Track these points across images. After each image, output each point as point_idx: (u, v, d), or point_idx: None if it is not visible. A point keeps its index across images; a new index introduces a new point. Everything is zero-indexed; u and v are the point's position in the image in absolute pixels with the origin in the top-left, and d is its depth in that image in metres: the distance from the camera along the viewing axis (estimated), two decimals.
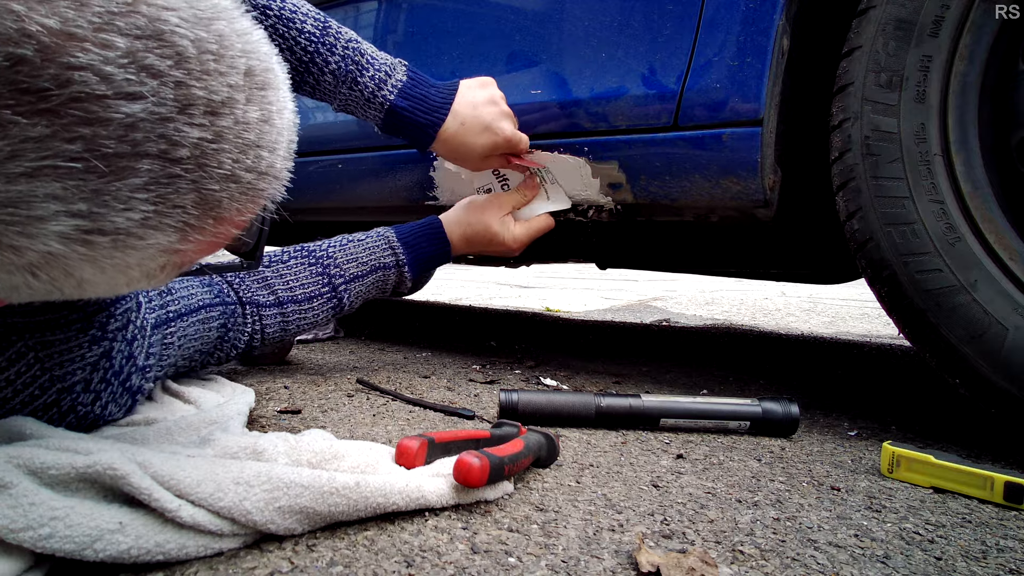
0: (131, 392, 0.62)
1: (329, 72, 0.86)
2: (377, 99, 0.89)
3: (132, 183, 0.32)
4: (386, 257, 0.94)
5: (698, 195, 0.88)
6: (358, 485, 0.46)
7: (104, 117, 0.30)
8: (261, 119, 0.36)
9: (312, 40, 0.84)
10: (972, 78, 0.73)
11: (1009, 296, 0.70)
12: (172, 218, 0.34)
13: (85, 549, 0.37)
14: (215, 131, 0.33)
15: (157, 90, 0.31)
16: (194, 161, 0.33)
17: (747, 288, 4.34)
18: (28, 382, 0.53)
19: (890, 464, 0.69)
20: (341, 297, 0.91)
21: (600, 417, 0.80)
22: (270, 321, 0.86)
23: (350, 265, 0.92)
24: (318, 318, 0.91)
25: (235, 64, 0.34)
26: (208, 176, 0.34)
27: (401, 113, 0.89)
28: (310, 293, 0.89)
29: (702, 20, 0.84)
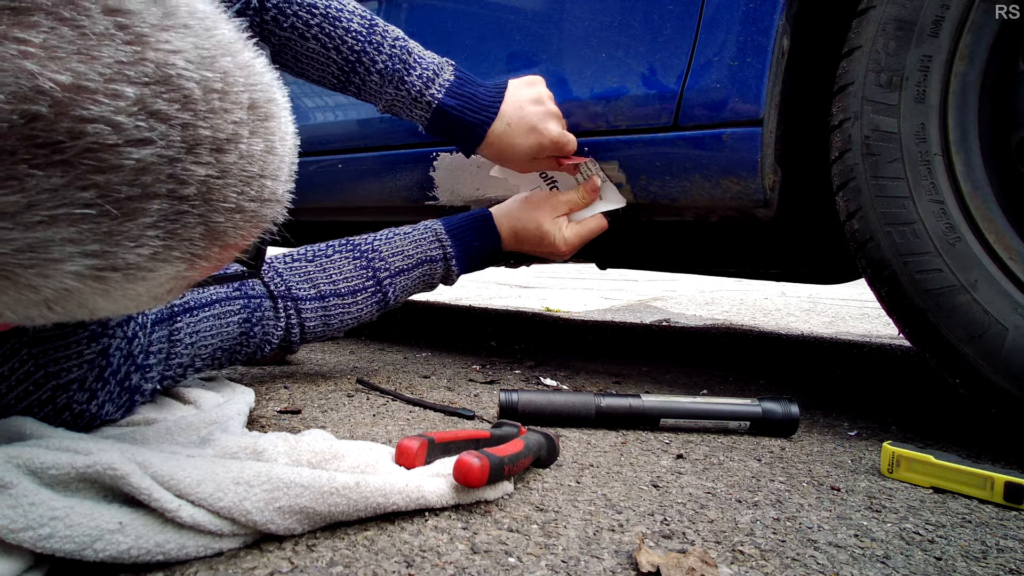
0: (129, 391, 0.61)
1: (376, 72, 0.85)
2: (424, 98, 0.87)
3: (143, 222, 0.33)
4: (433, 250, 0.92)
5: (698, 195, 0.88)
6: (358, 485, 0.46)
7: (116, 164, 0.31)
8: (265, 150, 0.37)
9: (359, 39, 0.83)
10: (972, 78, 0.73)
11: (1009, 296, 0.70)
12: (180, 250, 0.35)
13: (85, 549, 0.37)
14: (221, 167, 0.35)
15: (166, 134, 0.32)
16: (201, 197, 0.34)
17: (747, 288, 4.34)
18: (22, 378, 0.52)
19: (890, 464, 0.69)
20: (386, 291, 0.89)
21: (600, 417, 0.80)
22: (311, 315, 0.84)
23: (395, 258, 0.90)
24: (362, 313, 0.89)
25: (239, 100, 0.35)
26: (214, 210, 0.35)
27: (450, 112, 0.88)
28: (354, 287, 0.87)
29: (702, 20, 0.84)
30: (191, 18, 0.33)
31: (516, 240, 0.97)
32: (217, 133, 0.34)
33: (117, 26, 0.30)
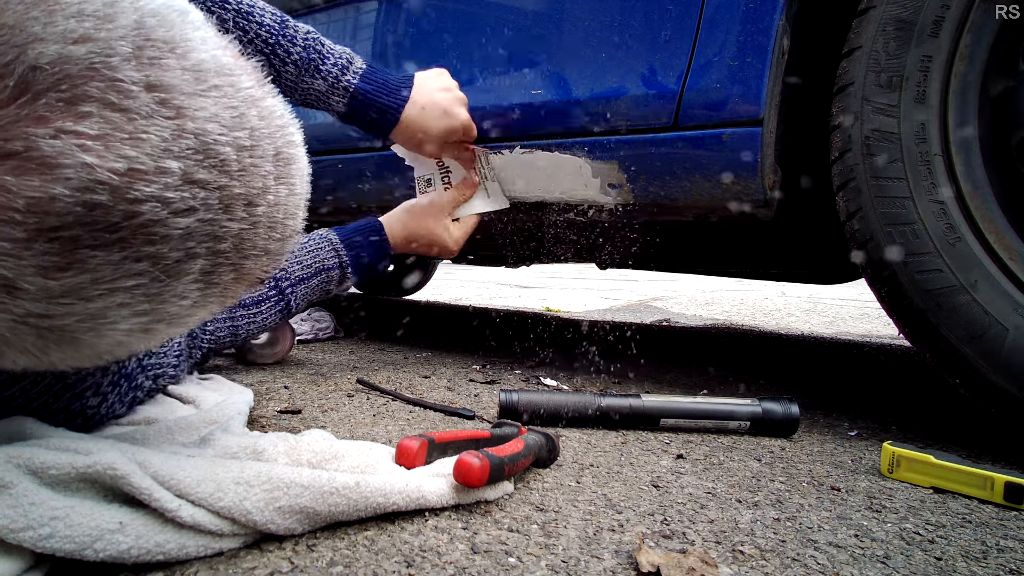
0: (135, 390, 0.63)
1: (291, 63, 0.87)
2: (341, 84, 0.90)
3: (186, 280, 0.36)
4: (330, 259, 0.95)
5: (698, 195, 0.88)
6: (358, 485, 0.46)
7: (165, 235, 0.33)
8: (288, 194, 0.40)
9: (272, 32, 0.85)
10: (972, 78, 0.72)
11: (1009, 296, 0.70)
12: (214, 295, 0.38)
13: (85, 549, 0.37)
14: (252, 220, 0.37)
15: (206, 200, 0.34)
16: (234, 249, 0.37)
17: (747, 288, 4.33)
18: (43, 391, 0.53)
19: (890, 464, 0.69)
20: (288, 300, 0.91)
21: (600, 417, 0.80)
22: (221, 326, 0.86)
23: (295, 267, 0.92)
24: (267, 321, 0.91)
25: (266, 152, 0.37)
26: (245, 257, 0.38)
27: (365, 96, 0.90)
28: (257, 297, 0.88)
29: (702, 20, 0.84)
30: (219, 76, 0.35)
31: (408, 243, 1.02)
32: (249, 189, 0.36)
33: (158, 102, 0.32)
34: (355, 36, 1.26)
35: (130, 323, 0.35)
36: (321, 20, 1.34)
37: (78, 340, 0.35)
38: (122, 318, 0.35)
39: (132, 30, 0.32)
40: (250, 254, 0.38)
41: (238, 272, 0.38)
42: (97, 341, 0.35)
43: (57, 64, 0.30)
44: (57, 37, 0.30)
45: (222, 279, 0.38)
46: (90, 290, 0.33)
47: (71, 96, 0.30)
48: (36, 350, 0.35)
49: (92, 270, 0.32)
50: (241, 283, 0.40)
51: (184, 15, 0.36)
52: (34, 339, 0.34)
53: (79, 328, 0.34)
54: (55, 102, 0.30)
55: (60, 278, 0.32)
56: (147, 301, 0.35)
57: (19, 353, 0.35)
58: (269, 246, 0.39)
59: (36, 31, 0.30)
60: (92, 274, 0.32)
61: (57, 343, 0.34)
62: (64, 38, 0.30)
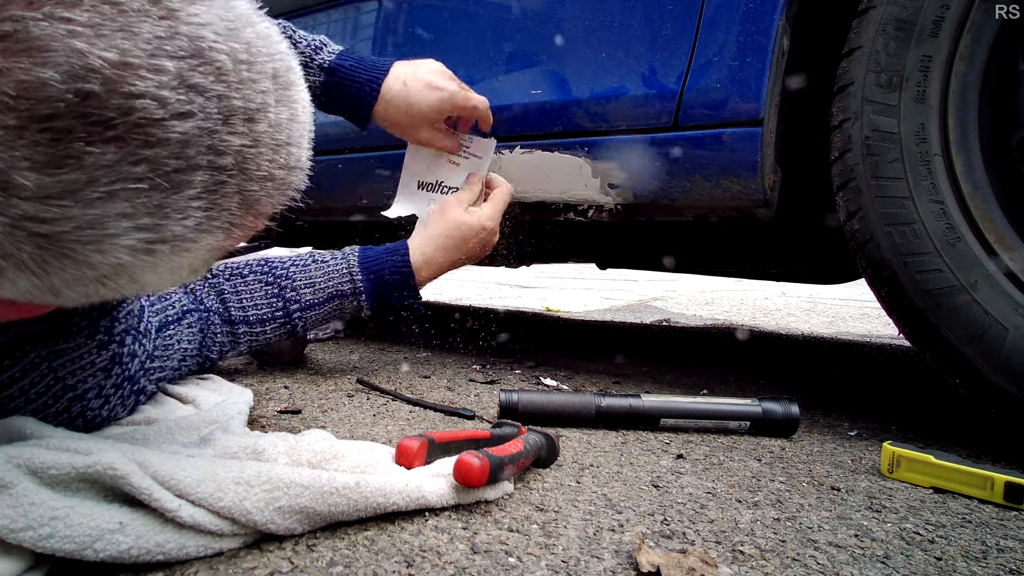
0: (137, 394, 0.62)
1: None
2: (315, 61, 0.88)
3: (188, 194, 0.34)
4: (344, 285, 0.89)
5: (698, 195, 0.88)
6: (358, 485, 0.46)
7: (163, 138, 0.32)
8: (289, 118, 0.39)
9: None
10: (972, 78, 0.72)
11: (1009, 296, 0.70)
12: (220, 220, 0.37)
13: (85, 549, 0.37)
14: (253, 136, 0.36)
15: (204, 106, 0.33)
16: (237, 167, 0.36)
17: (747, 288, 4.33)
18: (42, 391, 0.53)
19: (890, 464, 0.69)
20: (295, 324, 0.88)
21: (600, 417, 0.80)
22: (224, 339, 0.84)
23: (307, 291, 0.87)
24: (269, 340, 0.88)
25: (264, 69, 0.36)
26: (249, 178, 0.37)
27: (340, 71, 0.88)
28: (263, 316, 0.85)
29: (702, 20, 0.84)
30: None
31: (447, 251, 0.93)
32: (248, 103, 0.35)
33: (151, 1, 0.32)
34: (355, 36, 1.26)
35: (132, 238, 0.34)
36: (321, 20, 1.34)
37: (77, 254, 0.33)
38: (123, 231, 0.33)
39: None
40: (254, 175, 0.37)
41: (243, 196, 0.37)
42: (98, 258, 0.34)
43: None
44: None
45: (227, 202, 0.36)
46: (87, 192, 0.31)
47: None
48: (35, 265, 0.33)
49: (87, 168, 0.31)
50: (248, 212, 0.39)
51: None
52: (32, 249, 0.32)
53: (79, 238, 0.33)
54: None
55: (55, 174, 0.31)
56: (148, 214, 0.34)
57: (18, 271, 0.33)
58: (273, 171, 0.38)
59: None
60: (88, 173, 0.31)
61: (56, 256, 0.33)
62: None
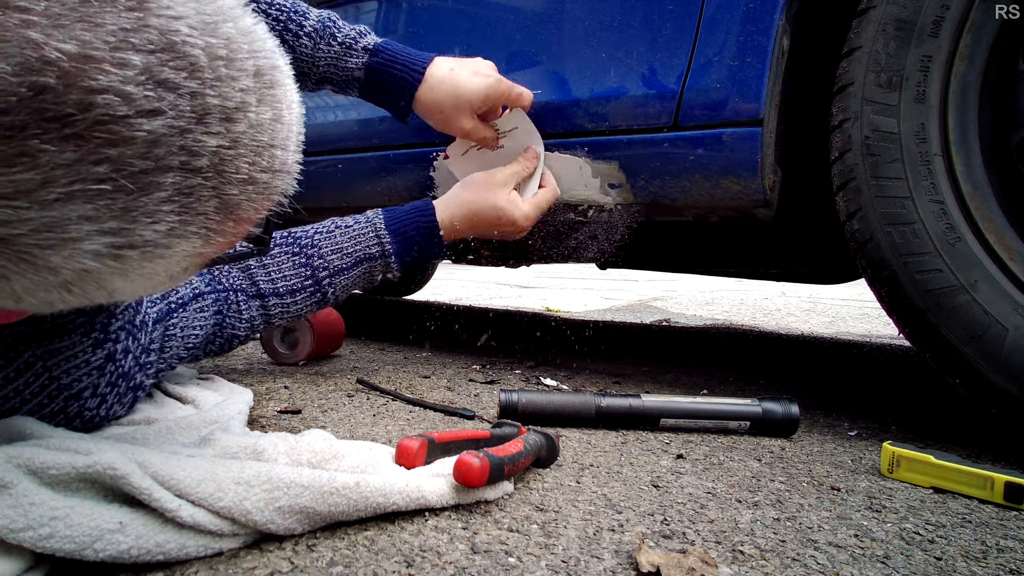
0: (134, 390, 0.62)
1: (305, 35, 0.85)
2: (360, 44, 0.87)
3: (158, 197, 0.32)
4: (372, 247, 0.89)
5: (698, 195, 0.88)
6: (358, 485, 0.46)
7: (128, 136, 0.30)
8: (273, 119, 0.37)
9: (283, 10, 0.85)
10: (972, 78, 0.73)
11: (1009, 296, 0.70)
12: (195, 225, 0.35)
13: (85, 549, 0.37)
14: (231, 137, 0.34)
15: (175, 103, 0.31)
16: (213, 169, 0.34)
17: (747, 288, 4.34)
18: (37, 391, 0.53)
19: (890, 464, 0.69)
20: (325, 291, 0.87)
21: (600, 417, 0.80)
22: (255, 313, 0.84)
23: (335, 256, 0.87)
24: (301, 311, 0.88)
25: (244, 67, 0.34)
26: (227, 182, 0.35)
27: (385, 52, 0.87)
28: (292, 287, 0.85)
29: (702, 20, 0.84)
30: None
31: (471, 226, 0.93)
32: (226, 102, 0.33)
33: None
34: None
35: (96, 243, 0.32)
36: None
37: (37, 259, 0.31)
38: (85, 234, 0.31)
39: None
40: (233, 178, 0.35)
41: (221, 200, 0.35)
42: (60, 263, 0.32)
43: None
44: None
45: (203, 205, 0.34)
46: (42, 192, 0.29)
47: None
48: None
49: (43, 167, 0.29)
50: (229, 218, 0.36)
51: None
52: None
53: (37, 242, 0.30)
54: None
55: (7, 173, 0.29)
56: (113, 217, 0.31)
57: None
58: (254, 174, 0.36)
59: None
60: (43, 172, 0.29)
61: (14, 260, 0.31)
62: None
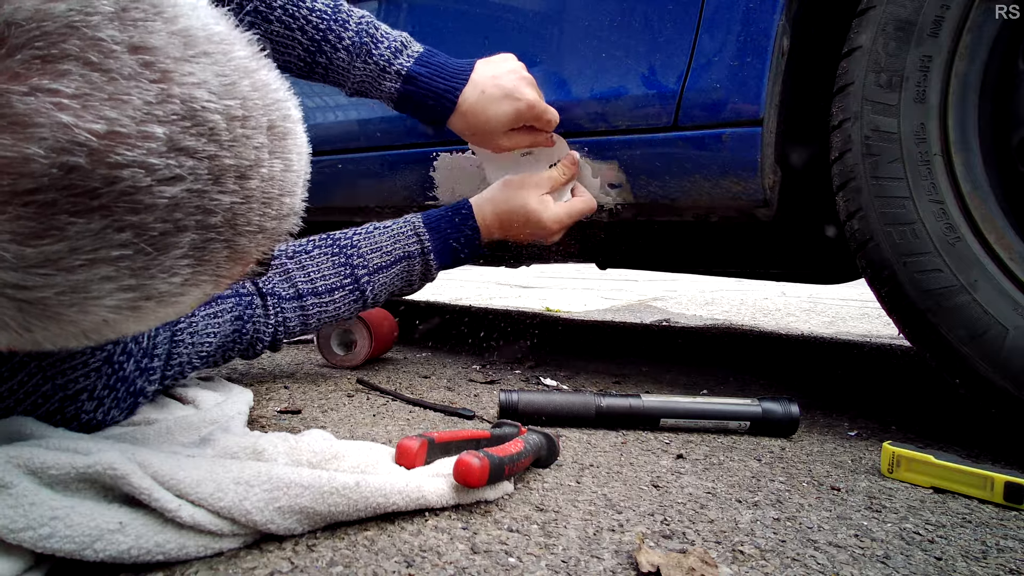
0: (134, 395, 0.61)
1: (343, 48, 0.84)
2: (393, 67, 0.85)
3: (174, 254, 0.34)
4: (411, 245, 0.89)
5: (698, 195, 0.88)
6: (358, 485, 0.46)
7: (149, 204, 0.32)
8: (284, 169, 0.38)
9: (324, 18, 0.83)
10: (972, 78, 0.72)
11: (1009, 296, 0.70)
12: (207, 274, 0.37)
13: (85, 549, 0.37)
14: (245, 194, 0.36)
15: (194, 168, 0.33)
16: (227, 224, 0.35)
17: (747, 288, 4.33)
18: (31, 391, 0.52)
19: (890, 464, 0.69)
20: (364, 289, 0.87)
21: (600, 417, 0.80)
22: (291, 315, 0.84)
23: (374, 255, 0.88)
24: (340, 311, 0.87)
25: (259, 123, 0.36)
26: (239, 234, 0.36)
27: (419, 79, 0.86)
28: (331, 285, 0.85)
29: (702, 20, 0.84)
30: (209, 43, 0.34)
31: (501, 226, 0.94)
32: (241, 160, 0.35)
33: (142, 64, 0.31)
34: None
35: (116, 299, 0.34)
36: None
37: (60, 315, 0.33)
38: (107, 293, 0.33)
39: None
40: (244, 231, 0.36)
41: (232, 250, 0.37)
42: (81, 317, 0.34)
43: (34, 20, 0.29)
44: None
45: (215, 256, 0.36)
46: (70, 260, 0.31)
47: (48, 54, 0.29)
48: (17, 325, 0.33)
49: (71, 238, 0.30)
50: (237, 263, 0.38)
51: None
52: (14, 312, 0.32)
53: (60, 302, 0.32)
54: (31, 59, 0.29)
55: (37, 245, 0.30)
56: (133, 276, 0.33)
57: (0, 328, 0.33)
58: (264, 223, 0.38)
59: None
60: (71, 242, 0.30)
61: (39, 318, 0.33)
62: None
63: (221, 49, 0.34)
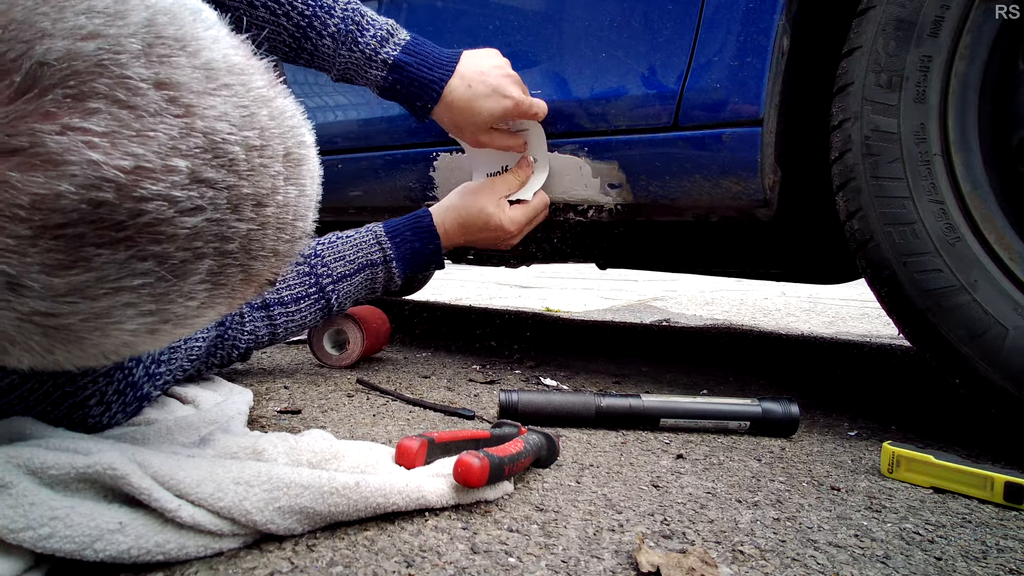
0: (140, 400, 0.62)
1: (328, 35, 0.83)
2: (380, 56, 0.85)
3: (192, 280, 0.35)
4: (374, 253, 0.91)
5: (698, 195, 0.88)
6: (358, 485, 0.46)
7: (171, 234, 0.33)
8: (298, 194, 0.39)
9: (309, 4, 0.82)
10: (972, 78, 0.73)
11: (1009, 296, 0.70)
12: (222, 296, 0.38)
13: (85, 549, 0.37)
14: (261, 220, 0.37)
15: (214, 199, 0.34)
16: (242, 249, 0.37)
17: (747, 288, 4.34)
18: (41, 398, 0.52)
19: (890, 464, 0.69)
20: (329, 298, 0.89)
21: (600, 417, 0.80)
22: (259, 324, 0.85)
23: (338, 264, 0.89)
24: (306, 320, 0.89)
25: (275, 152, 0.37)
26: (253, 258, 0.38)
27: (405, 68, 0.86)
28: (296, 295, 0.87)
29: (702, 20, 0.84)
30: (229, 74, 0.35)
31: (462, 231, 0.95)
32: (258, 189, 0.36)
33: (168, 100, 0.32)
34: None
35: (136, 323, 0.35)
36: None
37: (83, 339, 0.34)
38: (128, 318, 0.34)
39: (142, 27, 0.32)
40: (259, 255, 0.38)
41: (247, 273, 0.38)
42: (103, 341, 0.35)
43: (65, 60, 0.30)
44: (66, 33, 0.30)
45: (230, 280, 0.37)
46: (95, 289, 0.32)
47: (78, 92, 0.30)
48: (41, 349, 0.34)
49: (97, 268, 0.32)
50: (250, 284, 0.40)
51: (196, 14, 0.35)
52: (39, 337, 0.34)
53: (84, 327, 0.34)
54: (62, 98, 0.30)
55: (65, 276, 0.31)
56: (153, 301, 0.35)
57: (24, 351, 0.34)
58: (278, 247, 0.39)
59: (45, 27, 0.30)
60: (97, 272, 0.32)
61: (63, 342, 0.34)
62: (73, 34, 0.30)
63: (241, 80, 0.36)
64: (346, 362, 1.10)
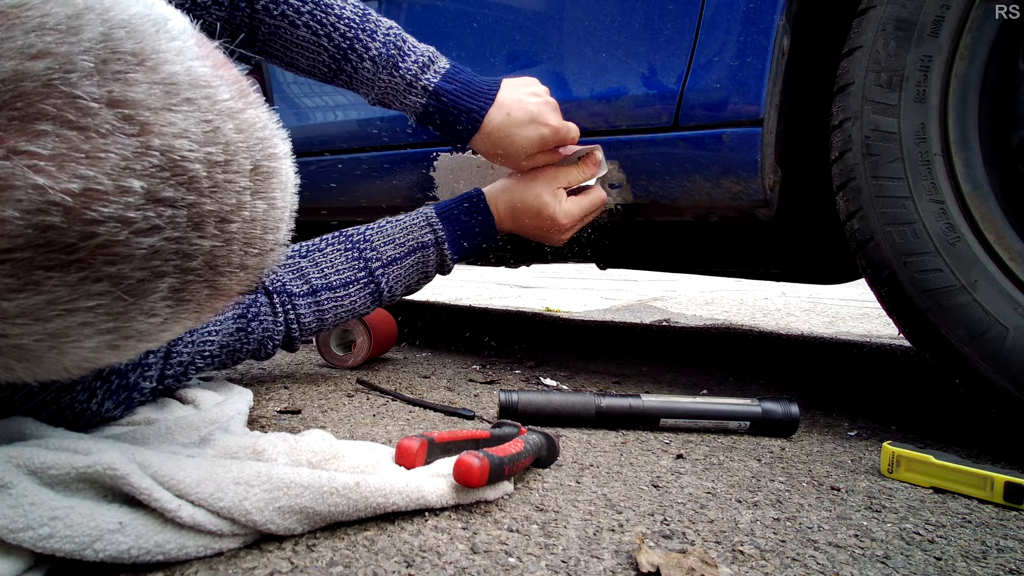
0: (128, 389, 0.61)
1: (369, 59, 0.83)
2: (420, 82, 0.85)
3: (153, 298, 0.35)
4: (425, 235, 0.88)
5: (698, 195, 0.88)
6: (358, 485, 0.46)
7: (127, 255, 0.32)
8: (268, 207, 0.38)
9: (352, 26, 0.82)
10: (972, 78, 0.73)
11: (1009, 296, 0.70)
12: (188, 311, 0.37)
13: (85, 549, 0.37)
14: (226, 237, 0.36)
15: (172, 217, 0.33)
16: (207, 266, 0.36)
17: (747, 288, 4.33)
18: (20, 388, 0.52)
19: (890, 464, 0.69)
20: (379, 282, 0.86)
21: (600, 417, 0.80)
22: (304, 311, 0.83)
23: (387, 247, 0.87)
24: (356, 305, 0.86)
25: (241, 167, 0.36)
26: (219, 274, 0.37)
27: (444, 97, 0.85)
28: (345, 279, 0.84)
29: (702, 20, 0.84)
30: (192, 88, 0.34)
31: (513, 217, 0.93)
32: (222, 206, 0.35)
33: (121, 118, 0.31)
34: None
35: (95, 341, 0.34)
36: None
37: (40, 358, 0.34)
38: (85, 336, 0.34)
39: (97, 43, 0.31)
40: (224, 270, 0.37)
41: (213, 288, 0.37)
42: (60, 358, 0.35)
43: (12, 81, 0.29)
44: (14, 53, 0.29)
45: (195, 296, 0.37)
46: (47, 311, 0.32)
47: (25, 114, 0.29)
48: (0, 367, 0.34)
49: (48, 292, 0.31)
50: (219, 298, 0.39)
51: (160, 24, 0.34)
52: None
53: (39, 347, 0.33)
54: (7, 121, 0.29)
55: (14, 299, 0.31)
56: (111, 320, 0.34)
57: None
58: (246, 261, 0.38)
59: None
60: (48, 295, 0.31)
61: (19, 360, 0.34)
62: (22, 54, 0.29)
63: (205, 94, 0.34)
64: (352, 363, 1.10)
